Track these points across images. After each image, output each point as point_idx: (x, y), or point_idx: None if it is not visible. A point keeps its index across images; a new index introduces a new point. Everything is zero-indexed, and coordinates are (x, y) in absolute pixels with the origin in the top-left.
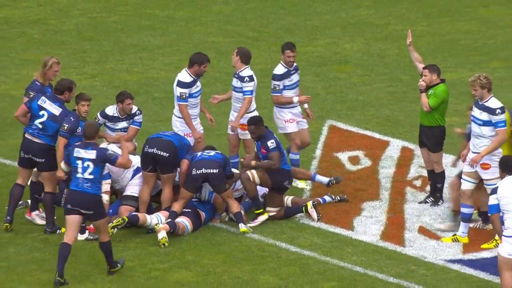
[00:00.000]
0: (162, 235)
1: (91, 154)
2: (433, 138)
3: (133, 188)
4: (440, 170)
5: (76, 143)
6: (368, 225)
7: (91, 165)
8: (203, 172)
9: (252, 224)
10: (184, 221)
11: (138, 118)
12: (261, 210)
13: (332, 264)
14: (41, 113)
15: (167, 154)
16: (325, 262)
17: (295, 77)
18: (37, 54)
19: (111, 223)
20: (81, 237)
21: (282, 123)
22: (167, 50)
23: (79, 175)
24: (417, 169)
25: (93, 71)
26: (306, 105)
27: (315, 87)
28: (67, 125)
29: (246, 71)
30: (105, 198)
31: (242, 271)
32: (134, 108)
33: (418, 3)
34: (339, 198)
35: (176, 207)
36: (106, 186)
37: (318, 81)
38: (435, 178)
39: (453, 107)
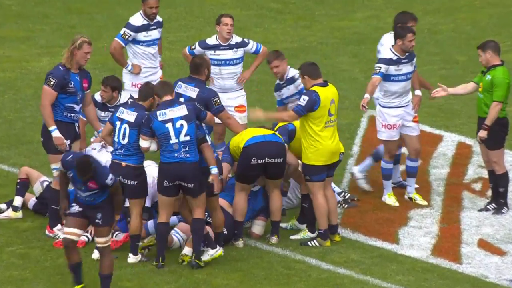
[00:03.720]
0: (185, 250)
1: (182, 109)
2: (490, 133)
3: (147, 198)
4: (502, 172)
5: (158, 107)
6: (417, 238)
7: (185, 124)
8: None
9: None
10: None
11: None
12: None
13: (373, 285)
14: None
15: None
16: (364, 282)
17: (405, 68)
18: (15, 29)
19: (141, 243)
20: (95, 255)
21: (379, 126)
22: (173, 25)
23: (172, 141)
24: (476, 169)
25: None
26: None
27: (351, 70)
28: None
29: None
30: None
31: None
32: (127, 97)
33: None
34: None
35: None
36: None
37: (355, 63)
38: (496, 181)
39: None
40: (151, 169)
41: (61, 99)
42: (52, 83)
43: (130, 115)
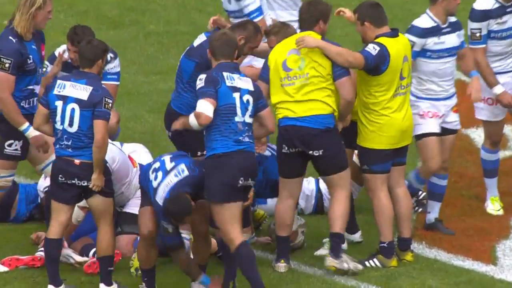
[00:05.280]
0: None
1: (248, 83)
2: None
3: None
4: None
5: (218, 67)
6: None
7: (251, 102)
8: None
9: None
10: None
11: (113, 67)
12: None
13: None
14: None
15: None
16: None
17: (510, 19)
18: None
19: (131, 262)
20: None
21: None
22: None
23: (238, 119)
24: None
25: None
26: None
27: None
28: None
29: None
30: (80, 215)
31: None
32: None
33: None
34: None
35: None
36: None
37: None
38: None
39: None
40: (140, 156)
41: (16, 82)
42: (7, 65)
43: (79, 90)
